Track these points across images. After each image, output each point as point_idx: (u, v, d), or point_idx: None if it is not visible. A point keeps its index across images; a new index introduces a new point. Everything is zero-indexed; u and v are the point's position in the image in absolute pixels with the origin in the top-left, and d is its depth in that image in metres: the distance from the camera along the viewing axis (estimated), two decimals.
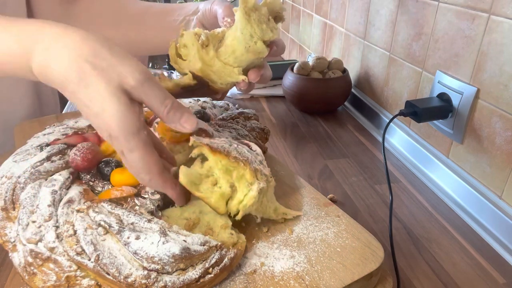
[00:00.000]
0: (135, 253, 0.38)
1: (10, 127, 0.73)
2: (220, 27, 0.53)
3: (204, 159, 0.54)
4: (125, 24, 0.63)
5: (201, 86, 0.49)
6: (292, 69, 1.02)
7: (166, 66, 1.63)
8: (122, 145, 0.37)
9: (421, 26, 0.77)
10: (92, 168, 0.48)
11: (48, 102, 0.89)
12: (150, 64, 1.27)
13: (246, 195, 0.46)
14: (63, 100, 1.00)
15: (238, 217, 0.46)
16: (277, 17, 0.49)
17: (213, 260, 0.40)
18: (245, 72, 0.50)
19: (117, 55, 0.36)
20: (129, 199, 0.45)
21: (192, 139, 0.48)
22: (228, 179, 0.47)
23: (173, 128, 0.42)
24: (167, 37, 0.60)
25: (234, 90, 1.12)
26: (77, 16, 0.65)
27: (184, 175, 0.46)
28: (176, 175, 0.45)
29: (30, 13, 0.66)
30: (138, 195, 0.45)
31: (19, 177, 0.45)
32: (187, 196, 0.46)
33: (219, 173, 0.47)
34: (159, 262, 0.38)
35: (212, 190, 0.47)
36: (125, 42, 0.64)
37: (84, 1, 0.64)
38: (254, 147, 0.52)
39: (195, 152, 0.49)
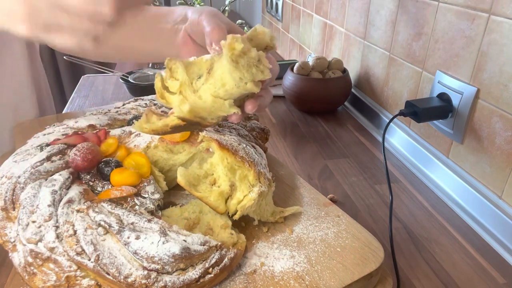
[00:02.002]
0: (135, 253, 0.38)
1: (10, 127, 0.73)
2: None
3: (202, 160, 0.54)
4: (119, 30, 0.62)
5: (191, 124, 0.45)
6: (292, 69, 1.02)
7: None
8: None
9: (421, 26, 0.77)
10: (92, 168, 0.48)
11: (46, 104, 0.89)
12: (150, 64, 1.27)
13: (246, 196, 0.46)
14: (63, 101, 1.00)
15: (236, 217, 0.47)
16: (268, 48, 0.44)
17: (213, 260, 0.40)
18: (239, 101, 0.45)
19: None
20: (129, 199, 0.45)
21: (201, 134, 0.48)
22: (230, 177, 0.47)
23: None
24: (160, 46, 0.56)
25: None
26: None
27: (182, 176, 0.46)
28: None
29: None
30: (138, 195, 0.45)
31: (19, 177, 0.45)
32: None
33: (222, 170, 0.47)
34: (159, 262, 0.38)
35: (210, 189, 0.47)
36: (120, 47, 0.63)
37: None
38: (260, 150, 0.52)
39: (203, 145, 0.50)
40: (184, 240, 0.40)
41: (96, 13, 0.33)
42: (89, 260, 0.38)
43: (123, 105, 0.69)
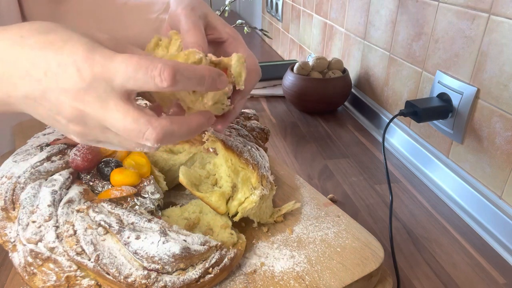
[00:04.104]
0: (135, 252, 0.38)
1: (10, 127, 0.73)
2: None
3: (203, 160, 0.54)
4: (106, 23, 0.61)
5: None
6: (292, 69, 1.02)
7: None
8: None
9: (421, 26, 0.77)
10: (92, 168, 0.48)
11: None
12: None
13: (247, 198, 0.47)
14: None
15: (236, 219, 0.47)
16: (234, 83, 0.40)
17: (213, 260, 0.40)
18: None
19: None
20: (129, 198, 0.45)
21: (207, 133, 0.48)
22: (232, 179, 0.47)
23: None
24: (145, 36, 0.56)
25: None
26: (63, 16, 0.64)
27: (184, 175, 0.46)
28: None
29: (22, 14, 0.67)
30: (138, 194, 0.45)
31: (19, 177, 0.45)
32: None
33: (225, 170, 0.47)
34: (159, 261, 0.38)
35: (212, 190, 0.47)
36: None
37: (69, 1, 0.64)
38: (263, 152, 0.52)
39: (208, 145, 0.50)
40: (184, 240, 0.40)
41: (141, 146, 0.35)
42: (89, 260, 0.38)
43: None
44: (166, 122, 0.33)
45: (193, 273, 0.39)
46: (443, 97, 0.71)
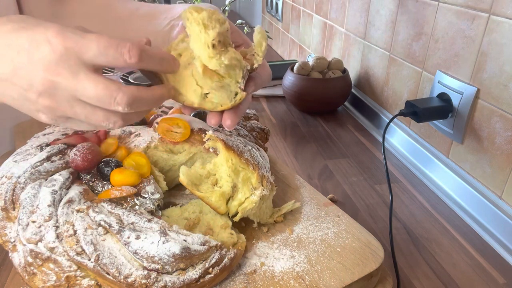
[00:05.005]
0: (135, 252, 0.38)
1: (10, 127, 0.73)
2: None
3: (203, 160, 0.54)
4: (112, 26, 0.61)
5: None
6: (292, 69, 1.02)
7: None
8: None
9: (421, 26, 0.77)
10: (92, 168, 0.48)
11: None
12: None
13: (247, 198, 0.47)
14: None
15: (236, 219, 0.47)
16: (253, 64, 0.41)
17: (213, 260, 0.40)
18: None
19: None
20: (129, 198, 0.45)
21: (208, 133, 0.48)
22: (232, 179, 0.47)
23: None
24: (153, 42, 0.57)
25: None
26: (66, 16, 0.64)
27: (184, 175, 0.46)
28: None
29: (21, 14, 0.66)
30: (138, 194, 0.45)
31: (19, 177, 0.45)
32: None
33: (226, 170, 0.47)
34: (159, 261, 0.38)
35: (212, 190, 0.47)
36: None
37: (73, 2, 0.64)
38: (263, 153, 0.52)
39: (208, 144, 0.50)
40: (184, 240, 0.40)
41: (107, 119, 0.37)
42: (89, 260, 0.38)
43: None
44: (134, 89, 0.36)
45: (193, 273, 0.39)
46: (443, 97, 0.71)
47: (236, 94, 0.41)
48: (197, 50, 0.39)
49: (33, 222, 0.41)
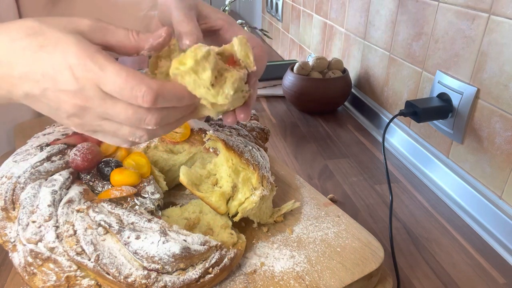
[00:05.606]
0: (135, 252, 0.38)
1: (10, 127, 0.73)
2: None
3: (203, 160, 0.54)
4: (108, 11, 0.61)
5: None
6: (292, 69, 1.02)
7: None
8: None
9: (421, 26, 0.77)
10: (92, 168, 0.48)
11: None
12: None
13: (247, 198, 0.47)
14: None
15: (236, 219, 0.47)
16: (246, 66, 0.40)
17: (213, 260, 0.40)
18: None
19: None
20: (129, 198, 0.45)
21: (209, 133, 0.48)
22: (233, 179, 0.47)
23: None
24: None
25: None
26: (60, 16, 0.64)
27: (184, 175, 0.46)
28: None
29: (20, 15, 0.67)
30: (138, 194, 0.45)
31: (19, 177, 0.45)
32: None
33: (226, 170, 0.47)
34: (159, 261, 0.38)
35: (212, 190, 0.47)
36: None
37: (64, 2, 0.64)
38: (264, 153, 0.52)
39: (208, 144, 0.50)
40: (184, 240, 0.40)
41: (134, 134, 0.38)
42: (89, 260, 0.38)
43: None
44: (164, 110, 0.36)
45: (193, 273, 0.39)
46: (443, 97, 0.71)
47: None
48: (200, 94, 0.37)
49: (33, 222, 0.41)
